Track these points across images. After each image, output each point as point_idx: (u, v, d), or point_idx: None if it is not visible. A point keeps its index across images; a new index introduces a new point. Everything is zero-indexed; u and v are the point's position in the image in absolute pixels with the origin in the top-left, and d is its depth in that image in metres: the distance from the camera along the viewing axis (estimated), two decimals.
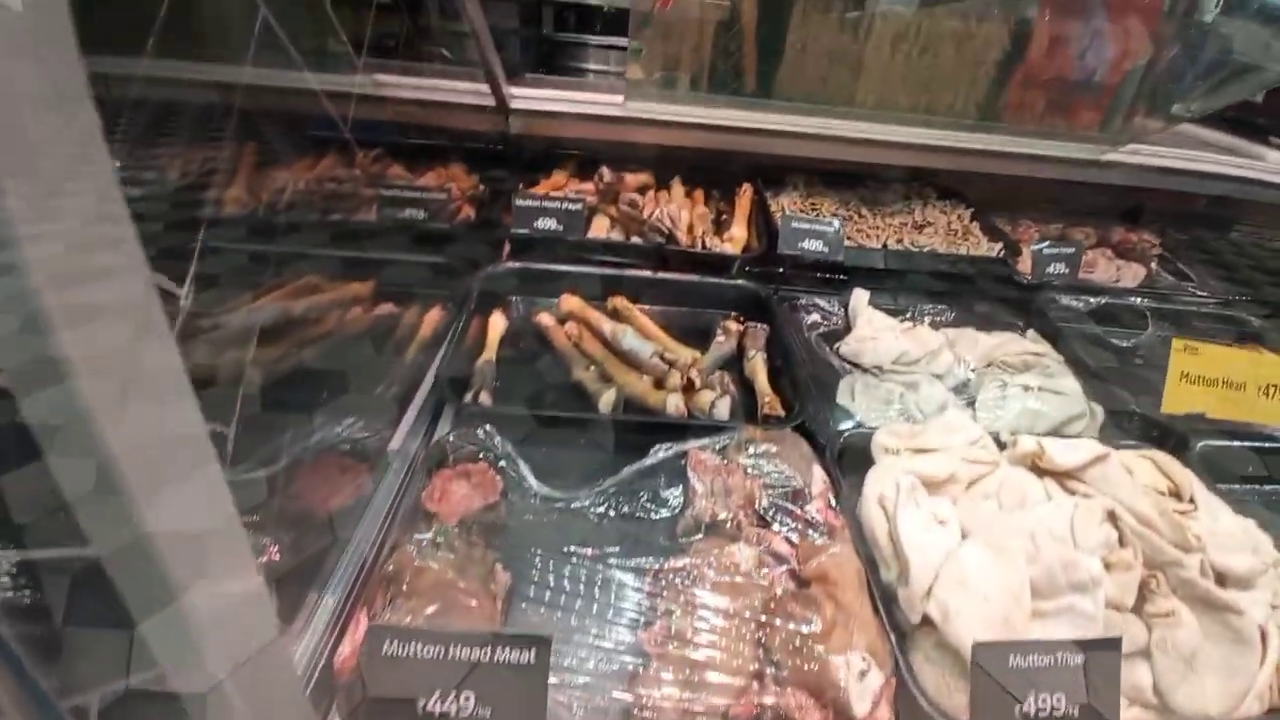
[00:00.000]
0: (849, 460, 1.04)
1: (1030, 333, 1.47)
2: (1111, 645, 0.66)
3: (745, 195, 1.68)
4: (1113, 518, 0.87)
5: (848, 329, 1.45)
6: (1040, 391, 1.22)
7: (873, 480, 0.92)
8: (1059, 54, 1.63)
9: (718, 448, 0.99)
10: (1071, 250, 1.52)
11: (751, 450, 0.98)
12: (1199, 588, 0.78)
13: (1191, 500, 0.95)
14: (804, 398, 1.16)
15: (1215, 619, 0.78)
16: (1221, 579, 0.85)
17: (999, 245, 1.67)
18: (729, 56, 1.60)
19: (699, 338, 1.35)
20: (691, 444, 0.99)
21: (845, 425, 1.11)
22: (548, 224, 1.41)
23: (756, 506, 0.90)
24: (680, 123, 1.58)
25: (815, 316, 1.49)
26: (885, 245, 1.67)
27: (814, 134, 1.66)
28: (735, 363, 1.32)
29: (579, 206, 1.42)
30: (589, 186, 1.62)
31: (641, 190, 1.69)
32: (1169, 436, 1.18)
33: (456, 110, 1.60)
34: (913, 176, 1.93)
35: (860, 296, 1.49)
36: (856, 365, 1.34)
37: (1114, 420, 1.23)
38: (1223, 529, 0.88)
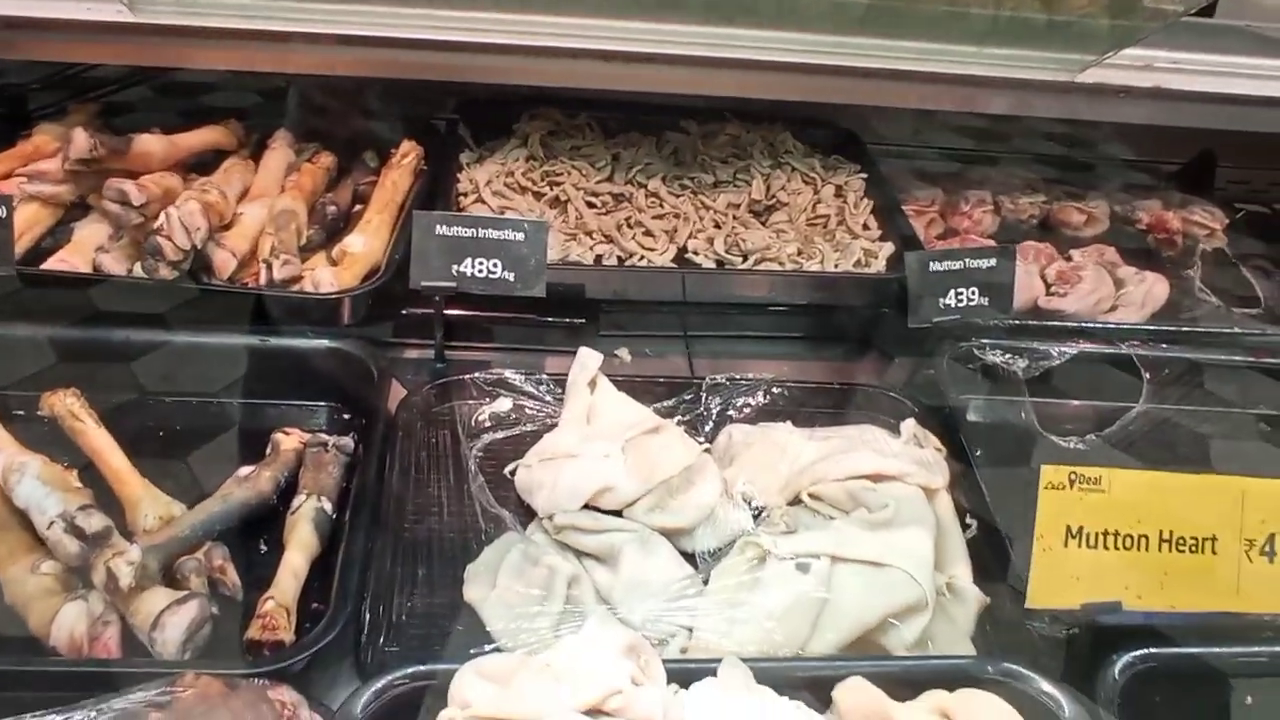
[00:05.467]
0: None
1: (908, 423, 0.75)
2: None
3: (400, 165, 0.92)
4: None
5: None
6: (837, 563, 0.53)
7: None
8: None
9: None
10: (993, 261, 0.78)
11: None
12: None
13: None
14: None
15: None
16: None
17: (886, 248, 0.92)
18: None
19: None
20: None
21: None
22: None
23: None
24: (276, 32, 0.83)
25: (503, 405, 0.79)
26: (682, 251, 0.93)
27: (562, 47, 0.89)
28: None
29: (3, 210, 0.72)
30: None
31: (199, 165, 0.91)
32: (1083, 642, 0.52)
33: None
34: (765, 114, 1.15)
35: (584, 366, 0.78)
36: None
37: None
38: None
